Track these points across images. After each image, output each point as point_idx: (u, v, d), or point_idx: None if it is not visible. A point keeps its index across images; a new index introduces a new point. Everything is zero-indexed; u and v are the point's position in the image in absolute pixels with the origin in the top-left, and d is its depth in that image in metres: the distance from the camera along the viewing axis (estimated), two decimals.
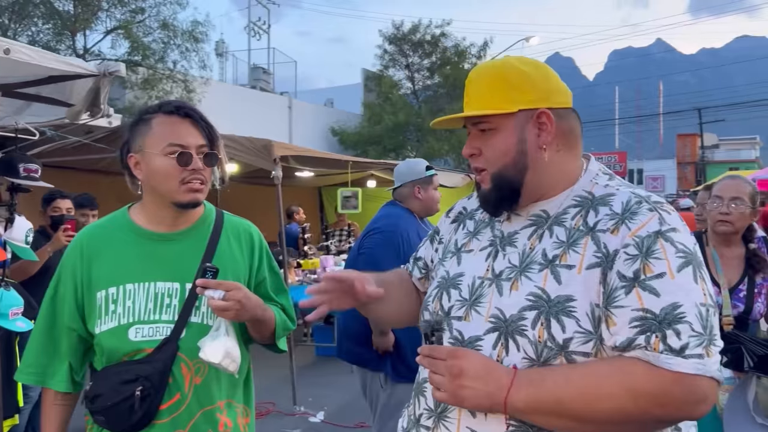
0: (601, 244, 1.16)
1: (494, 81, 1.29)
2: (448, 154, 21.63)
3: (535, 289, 1.19)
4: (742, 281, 2.49)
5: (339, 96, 26.08)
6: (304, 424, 5.00)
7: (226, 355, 1.55)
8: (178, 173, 1.56)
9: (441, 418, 1.26)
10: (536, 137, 1.26)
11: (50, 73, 2.72)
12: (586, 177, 1.30)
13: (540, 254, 1.22)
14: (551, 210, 1.28)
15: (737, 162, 39.19)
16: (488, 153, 1.29)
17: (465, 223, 1.45)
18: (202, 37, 15.74)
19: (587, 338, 1.13)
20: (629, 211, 1.17)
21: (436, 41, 23.33)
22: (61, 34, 15.19)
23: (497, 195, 1.29)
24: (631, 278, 1.12)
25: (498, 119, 1.27)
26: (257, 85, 22.19)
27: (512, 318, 1.19)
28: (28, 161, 3.10)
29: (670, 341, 1.07)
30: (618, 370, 1.10)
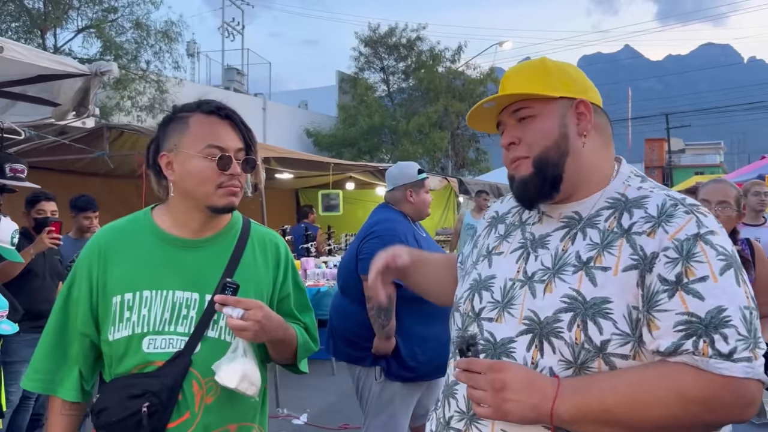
0: (638, 246, 1.16)
1: (535, 72, 1.31)
2: (422, 157, 21.70)
3: (570, 291, 1.18)
4: None
5: (313, 98, 25.98)
6: (288, 426, 4.98)
7: (243, 378, 1.44)
8: (216, 177, 1.48)
9: (473, 421, 1.24)
10: (576, 125, 1.27)
11: (42, 72, 2.67)
12: (619, 179, 1.30)
13: (573, 256, 1.21)
14: (584, 212, 1.27)
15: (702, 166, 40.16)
16: (529, 138, 1.28)
17: (496, 226, 1.44)
18: (175, 37, 15.56)
19: (625, 340, 1.13)
20: (665, 214, 1.17)
21: (412, 45, 23.42)
22: (31, 32, 14.86)
23: (539, 180, 1.27)
24: (673, 282, 1.11)
25: (540, 105, 1.27)
26: (231, 86, 22.00)
27: (547, 320, 1.18)
28: (15, 161, 3.05)
29: (719, 346, 1.07)
30: (666, 377, 1.09)
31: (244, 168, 1.53)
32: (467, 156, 24.27)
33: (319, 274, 6.71)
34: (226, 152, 1.49)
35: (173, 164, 1.51)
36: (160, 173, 1.55)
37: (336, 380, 6.32)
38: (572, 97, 1.28)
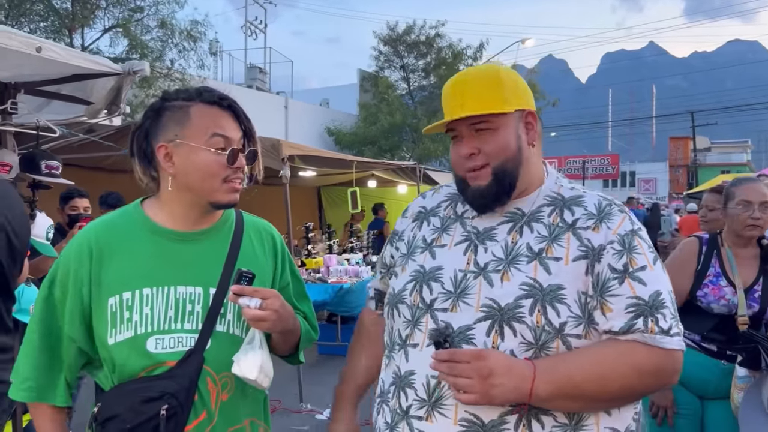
0: (584, 239, 1.32)
1: (491, 83, 1.38)
2: (443, 155, 21.67)
3: (528, 279, 1.30)
4: (758, 281, 2.52)
5: (334, 96, 26.08)
6: (312, 421, 5.04)
7: (260, 370, 1.40)
8: (222, 171, 1.41)
9: (436, 407, 1.31)
10: (526, 135, 1.40)
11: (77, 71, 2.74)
12: (550, 179, 1.45)
13: (525, 248, 1.34)
14: (525, 208, 1.40)
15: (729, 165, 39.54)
16: (489, 149, 1.37)
17: (428, 219, 1.52)
18: (200, 37, 15.73)
19: (578, 322, 1.27)
20: (604, 212, 1.35)
21: (431, 42, 23.36)
22: (59, 32, 15.13)
23: (497, 189, 1.37)
24: (621, 270, 1.28)
25: (498, 119, 1.36)
26: (253, 85, 22.17)
27: (508, 306, 1.28)
28: (50, 158, 3.13)
29: (661, 324, 1.26)
30: (624, 354, 1.25)
31: (247, 160, 1.48)
32: None
33: (342, 271, 6.76)
34: (232, 144, 1.43)
35: (173, 156, 1.42)
36: (151, 163, 1.46)
37: None
38: (523, 108, 1.40)
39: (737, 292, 2.48)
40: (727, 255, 2.57)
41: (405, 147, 22.42)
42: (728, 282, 2.52)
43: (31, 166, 3.05)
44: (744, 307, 2.46)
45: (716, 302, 2.51)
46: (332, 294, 6.21)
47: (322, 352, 7.21)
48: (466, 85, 1.40)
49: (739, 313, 2.46)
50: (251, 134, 1.50)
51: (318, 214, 11.71)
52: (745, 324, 2.45)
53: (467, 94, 1.38)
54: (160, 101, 1.47)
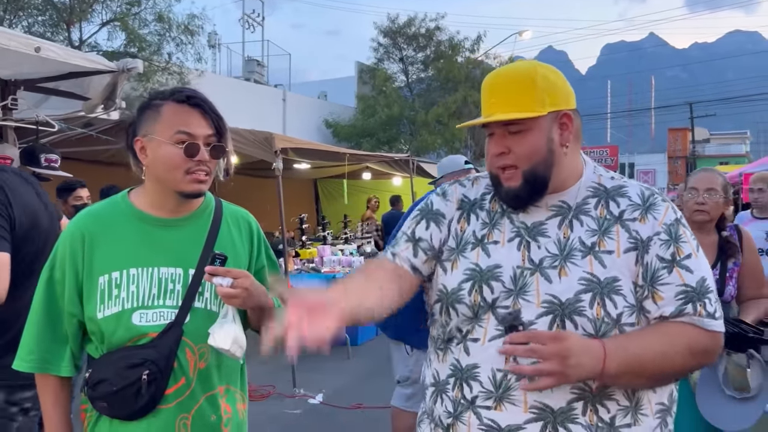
0: (632, 231, 1.37)
1: (523, 85, 1.38)
2: (441, 148, 21.75)
3: (585, 273, 1.34)
4: (715, 266, 2.68)
5: (332, 88, 26.10)
6: (305, 405, 5.20)
7: (234, 341, 1.56)
8: (183, 163, 1.54)
9: (504, 398, 1.35)
10: (559, 136, 1.41)
11: (73, 69, 2.87)
12: (588, 169, 1.48)
13: (578, 242, 1.38)
14: (570, 200, 1.43)
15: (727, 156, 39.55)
16: (519, 151, 1.38)
17: (475, 212, 1.50)
18: (197, 30, 15.79)
19: (632, 311, 1.33)
20: (649, 203, 1.40)
21: (431, 35, 23.40)
22: (57, 26, 15.19)
23: (529, 190, 1.40)
24: (669, 260, 1.35)
25: (530, 121, 1.37)
26: (251, 78, 22.20)
27: (569, 301, 1.32)
28: (49, 152, 3.25)
29: (708, 308, 1.34)
30: (678, 333, 1.32)
31: (213, 155, 1.58)
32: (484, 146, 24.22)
33: (335, 261, 6.90)
34: (194, 139, 1.55)
35: (146, 149, 1.58)
36: (136, 156, 1.61)
37: (351, 364, 6.53)
38: (558, 109, 1.39)
39: None
40: None
41: (403, 139, 22.49)
42: None
43: (31, 159, 3.18)
44: None
45: None
46: (325, 283, 6.36)
47: None
48: (500, 85, 1.41)
49: None
50: (222, 130, 1.61)
51: (315, 206, 11.85)
52: None
53: (500, 95, 1.39)
54: (146, 100, 1.63)
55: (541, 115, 1.37)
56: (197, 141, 1.56)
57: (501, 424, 1.35)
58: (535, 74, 1.39)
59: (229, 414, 1.68)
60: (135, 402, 1.53)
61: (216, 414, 1.64)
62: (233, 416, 1.69)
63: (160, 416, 1.56)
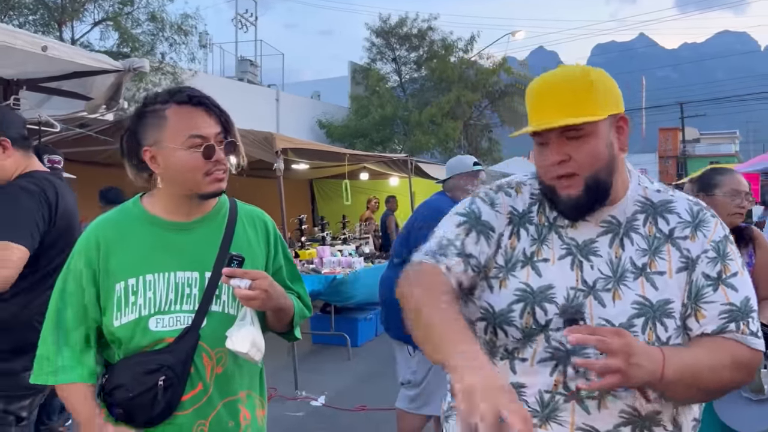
0: (683, 249, 1.33)
1: (583, 88, 1.30)
2: (434, 147, 21.75)
3: (637, 297, 1.30)
4: None
5: (325, 89, 26.02)
6: (307, 407, 5.16)
7: (252, 344, 1.53)
8: (202, 166, 1.53)
9: (550, 418, 1.31)
10: (617, 140, 1.34)
11: (79, 68, 2.83)
12: (633, 180, 1.41)
13: (629, 263, 1.32)
14: (619, 215, 1.37)
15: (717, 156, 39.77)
16: (581, 158, 1.30)
17: (525, 227, 1.41)
18: (190, 30, 15.70)
19: (678, 332, 1.31)
20: (699, 219, 1.36)
21: (423, 35, 23.40)
22: (48, 26, 15.06)
23: (591, 198, 1.32)
24: (715, 278, 1.31)
25: (590, 125, 1.29)
26: (244, 78, 22.10)
27: (622, 326, 1.27)
28: (52, 153, 3.22)
29: (751, 327, 1.31)
30: (726, 348, 1.29)
31: (226, 152, 1.58)
32: (480, 146, 24.27)
33: (335, 262, 6.87)
34: (207, 140, 1.53)
35: (157, 158, 1.55)
36: (140, 165, 1.58)
37: (351, 365, 6.50)
38: (616, 113, 1.33)
39: None
40: None
41: (396, 139, 22.46)
42: None
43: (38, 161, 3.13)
44: None
45: None
46: (326, 284, 6.33)
47: (316, 342, 7.33)
48: (554, 90, 1.32)
49: None
50: (229, 125, 1.60)
51: (311, 207, 11.81)
52: None
53: (555, 99, 1.30)
54: (141, 106, 1.59)
55: (602, 119, 1.30)
56: (211, 141, 1.53)
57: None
58: (591, 75, 1.32)
59: (248, 420, 1.65)
60: (152, 408, 1.50)
61: (234, 420, 1.61)
62: (252, 422, 1.66)
63: (177, 423, 1.54)
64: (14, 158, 2.07)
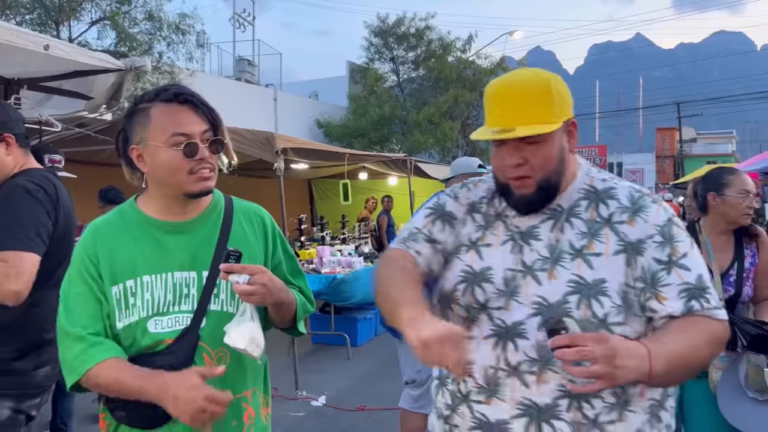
0: (621, 233, 1.39)
1: (542, 98, 1.38)
2: (433, 147, 21.75)
3: (573, 276, 1.37)
4: (732, 266, 2.66)
5: (323, 88, 26.00)
6: (308, 407, 5.15)
7: (251, 340, 1.51)
8: (185, 165, 1.50)
9: (494, 393, 1.41)
10: (567, 143, 1.45)
11: (80, 67, 2.81)
12: (581, 171, 1.51)
13: (567, 245, 1.41)
14: (564, 203, 1.46)
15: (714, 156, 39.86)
16: (535, 162, 1.40)
17: (473, 216, 1.54)
18: (188, 30, 15.67)
19: (618, 311, 1.35)
20: (638, 205, 1.42)
21: (421, 34, 23.39)
22: (45, 25, 15.02)
23: (542, 197, 1.43)
24: (666, 261, 1.38)
25: (545, 133, 1.38)
26: (242, 77, 22.07)
27: (557, 303, 1.36)
28: (53, 152, 3.20)
29: (711, 301, 1.38)
30: (701, 325, 1.35)
31: (212, 150, 1.54)
32: (478, 145, 24.29)
33: (335, 262, 6.86)
34: (190, 138, 1.50)
35: (144, 156, 1.53)
36: (133, 164, 1.56)
37: (351, 365, 6.50)
38: (567, 119, 1.43)
39: (714, 278, 2.61)
40: (705, 242, 2.70)
41: (394, 139, 22.46)
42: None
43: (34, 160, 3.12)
44: (720, 291, 2.58)
45: None
46: (326, 284, 6.32)
47: (315, 342, 7.33)
48: (515, 97, 1.39)
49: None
50: (216, 123, 1.57)
51: (309, 207, 11.80)
52: None
53: (516, 107, 1.37)
54: (132, 106, 1.57)
55: (558, 127, 1.40)
56: (194, 139, 1.51)
57: (490, 418, 1.41)
58: (550, 86, 1.40)
59: (252, 419, 1.63)
60: (154, 410, 1.47)
61: (237, 419, 1.59)
62: (256, 421, 1.65)
63: (180, 424, 1.50)
64: (15, 155, 2.06)
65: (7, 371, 1.98)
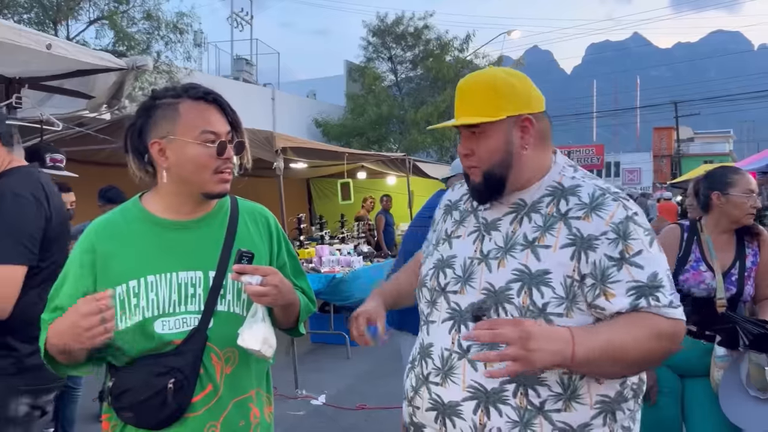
0: (573, 228, 1.42)
1: (485, 91, 1.50)
2: (431, 147, 21.74)
3: (519, 265, 1.44)
4: (734, 265, 2.66)
5: (321, 88, 25.97)
6: (308, 406, 5.16)
7: (264, 341, 1.52)
8: (212, 162, 1.51)
9: (448, 375, 1.49)
10: (520, 139, 1.50)
11: (82, 66, 2.81)
12: (555, 169, 1.55)
13: (521, 237, 1.47)
14: (528, 199, 1.52)
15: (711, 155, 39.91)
16: (480, 153, 1.51)
17: (452, 213, 1.69)
18: (186, 29, 15.65)
19: (560, 302, 1.39)
20: (596, 202, 1.44)
21: (419, 34, 23.38)
22: (43, 24, 14.98)
23: (487, 187, 1.52)
24: (618, 258, 1.39)
25: (488, 125, 1.48)
26: (240, 77, 22.04)
27: (501, 289, 1.44)
28: (54, 151, 3.19)
29: (662, 300, 1.37)
30: (643, 320, 1.36)
31: (235, 151, 1.57)
32: None
33: (334, 261, 6.86)
34: (219, 137, 1.52)
35: (167, 151, 1.52)
36: (145, 159, 1.56)
37: (351, 364, 6.50)
38: (517, 114, 1.48)
39: (716, 277, 2.61)
40: (707, 241, 2.70)
41: (392, 138, 22.45)
42: (707, 267, 2.65)
43: (35, 159, 3.11)
44: (722, 290, 2.59)
45: (696, 287, 2.64)
46: (325, 283, 6.32)
47: (315, 341, 7.33)
48: (465, 92, 1.53)
49: (718, 296, 2.58)
50: (237, 125, 1.60)
51: (308, 206, 11.79)
52: (723, 306, 2.58)
53: (466, 100, 1.52)
54: (150, 100, 1.56)
55: (499, 119, 1.47)
56: (223, 139, 1.52)
57: (444, 400, 1.48)
58: (496, 80, 1.49)
59: (258, 419, 1.64)
60: (161, 411, 1.49)
61: (245, 419, 1.60)
62: (261, 420, 1.66)
63: (188, 425, 1.52)
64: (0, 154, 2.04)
65: (24, 369, 1.99)
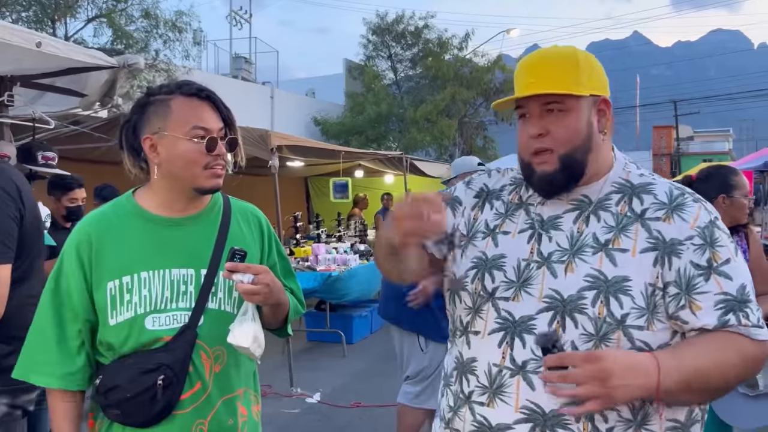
0: (653, 230, 1.28)
1: (566, 63, 1.32)
2: (430, 145, 21.73)
3: (592, 270, 1.27)
4: None
5: (320, 86, 25.95)
6: (302, 404, 5.16)
7: (254, 339, 1.51)
8: (202, 158, 1.51)
9: (497, 394, 1.31)
10: (597, 122, 1.35)
11: (73, 65, 2.81)
12: (618, 164, 1.40)
13: (591, 238, 1.30)
14: (592, 195, 1.36)
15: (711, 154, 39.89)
16: (558, 133, 1.31)
17: (491, 202, 1.46)
18: (185, 27, 15.63)
19: (641, 313, 1.24)
20: (676, 202, 1.30)
21: (419, 33, 23.37)
22: (41, 22, 14.97)
23: (564, 176, 1.33)
24: (706, 267, 1.25)
25: (571, 101, 1.30)
26: (239, 75, 22.02)
27: (571, 298, 1.26)
28: (46, 149, 3.19)
29: (751, 318, 1.24)
30: (731, 342, 1.23)
31: (227, 148, 1.57)
32: (475, 144, 24.28)
33: (330, 260, 6.87)
34: (210, 133, 1.52)
35: (158, 147, 1.53)
36: (139, 155, 1.56)
37: (346, 362, 6.51)
38: (597, 94, 1.34)
39: None
40: None
41: (392, 137, 22.45)
42: None
43: (28, 156, 3.12)
44: None
45: None
46: (321, 282, 6.33)
47: (310, 339, 7.34)
48: (542, 63, 1.34)
49: None
50: (231, 123, 1.60)
51: (305, 204, 11.80)
52: None
53: (542, 72, 1.32)
54: (145, 97, 1.57)
55: (583, 96, 1.31)
56: (213, 135, 1.52)
57: (492, 422, 1.31)
58: (578, 55, 1.34)
59: (245, 417, 1.64)
60: (150, 408, 1.48)
61: (233, 418, 1.60)
62: (248, 418, 1.65)
63: (176, 422, 1.51)
64: None
65: (1, 369, 1.97)
